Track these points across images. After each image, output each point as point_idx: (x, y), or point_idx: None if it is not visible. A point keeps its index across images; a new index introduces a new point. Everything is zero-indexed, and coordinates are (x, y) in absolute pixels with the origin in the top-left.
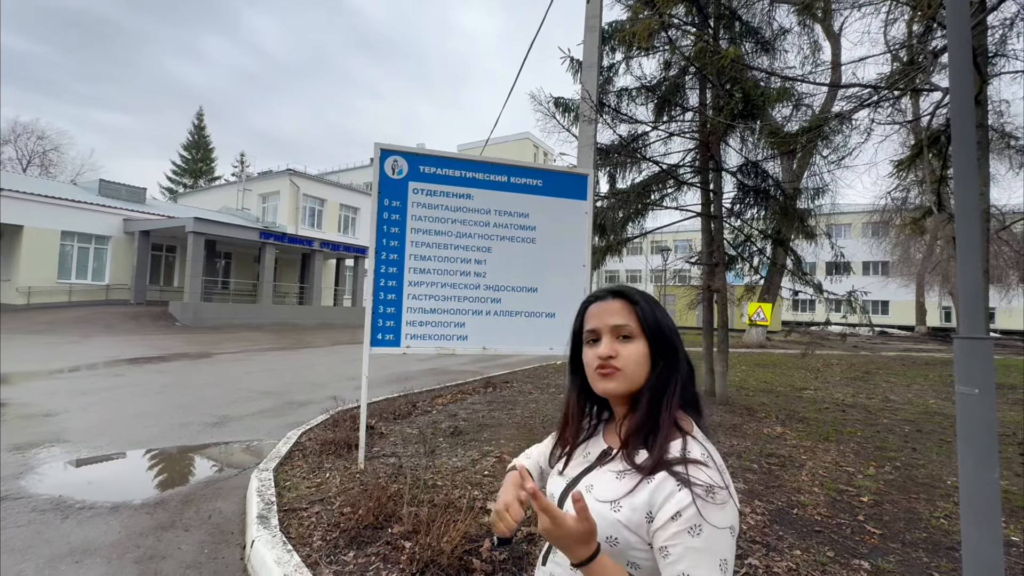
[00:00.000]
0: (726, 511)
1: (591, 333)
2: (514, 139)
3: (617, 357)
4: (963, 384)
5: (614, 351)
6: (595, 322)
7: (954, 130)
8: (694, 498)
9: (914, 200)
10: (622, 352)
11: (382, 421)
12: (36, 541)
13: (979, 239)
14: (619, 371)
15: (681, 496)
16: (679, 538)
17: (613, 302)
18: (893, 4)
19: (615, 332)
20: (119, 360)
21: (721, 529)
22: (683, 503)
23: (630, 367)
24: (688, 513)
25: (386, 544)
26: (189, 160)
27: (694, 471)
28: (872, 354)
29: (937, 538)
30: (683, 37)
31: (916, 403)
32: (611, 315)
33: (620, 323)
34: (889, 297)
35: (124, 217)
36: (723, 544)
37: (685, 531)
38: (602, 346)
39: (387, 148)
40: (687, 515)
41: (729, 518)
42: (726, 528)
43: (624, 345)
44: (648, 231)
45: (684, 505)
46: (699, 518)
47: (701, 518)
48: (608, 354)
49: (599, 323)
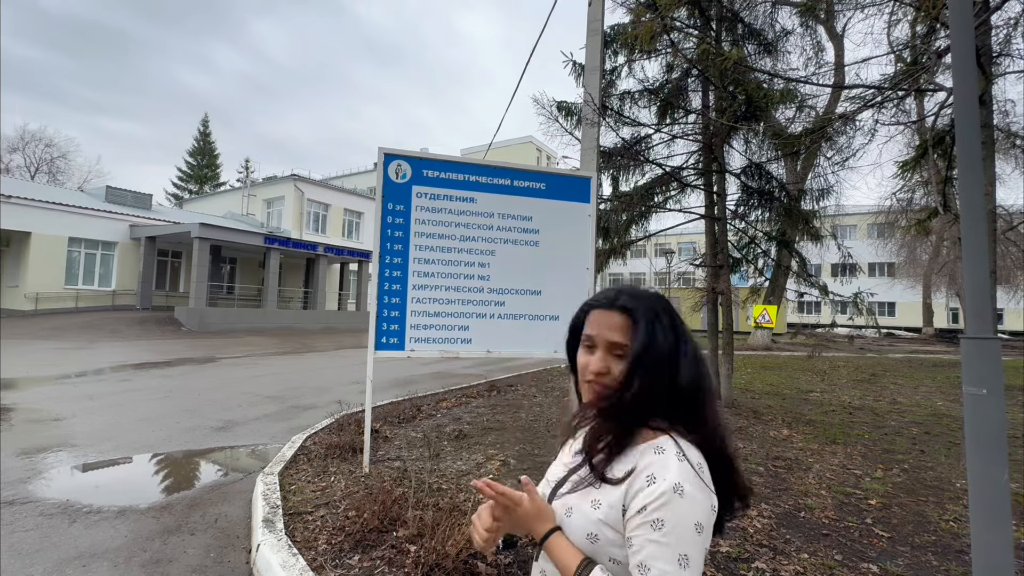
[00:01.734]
0: (694, 507)
1: (588, 339)
2: (517, 143)
3: (608, 375)
4: (971, 385)
5: (606, 368)
6: (594, 330)
7: (958, 130)
8: (661, 493)
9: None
10: (613, 370)
11: (387, 425)
12: (44, 545)
13: (985, 239)
14: (607, 388)
15: (650, 490)
16: (641, 530)
17: (616, 316)
18: (896, 5)
19: (610, 348)
20: (125, 365)
21: (684, 524)
22: (649, 497)
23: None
24: (652, 506)
25: (391, 548)
26: (195, 166)
27: (663, 468)
28: (879, 356)
29: (947, 541)
30: (685, 40)
31: (924, 405)
32: (610, 330)
33: (617, 341)
34: (895, 299)
35: (130, 223)
36: (685, 539)
37: (648, 524)
38: (595, 360)
39: (391, 152)
40: (651, 508)
41: (696, 514)
42: (691, 523)
43: (617, 362)
44: (652, 233)
45: (651, 499)
46: (662, 511)
47: (665, 512)
48: (600, 370)
49: (597, 333)
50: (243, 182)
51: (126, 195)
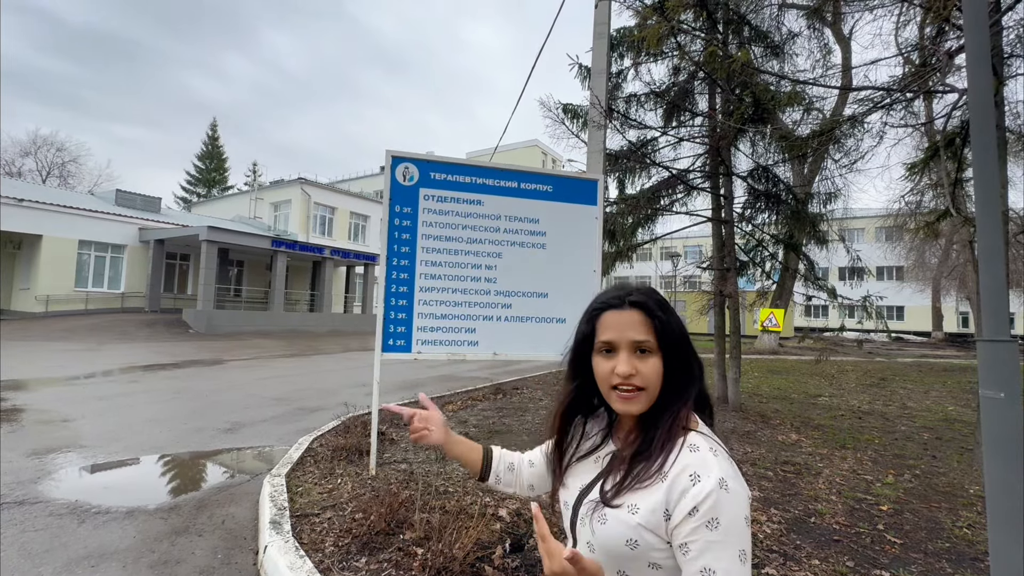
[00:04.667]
0: (740, 501)
1: (606, 344)
2: (523, 146)
3: (637, 375)
4: (987, 388)
5: (634, 368)
6: (613, 334)
7: (973, 131)
8: (709, 492)
9: (929, 203)
10: (642, 369)
11: (393, 427)
12: (53, 545)
13: (1001, 241)
14: (642, 391)
15: (696, 491)
16: (698, 533)
17: (632, 313)
18: (905, 6)
19: (634, 347)
20: (134, 367)
21: (737, 520)
22: (698, 497)
23: (652, 386)
24: (704, 507)
25: (398, 550)
26: (203, 170)
27: (704, 466)
28: (888, 360)
29: (961, 548)
30: (692, 42)
31: (935, 410)
32: (631, 329)
33: (641, 339)
34: (904, 302)
35: (139, 226)
36: (741, 534)
37: (703, 525)
38: (621, 363)
39: (398, 155)
40: (703, 509)
41: (743, 508)
42: (742, 518)
43: (643, 361)
44: (658, 236)
45: (700, 499)
46: (716, 511)
47: (717, 510)
48: (629, 372)
49: (618, 336)
50: (251, 185)
51: (135, 198)
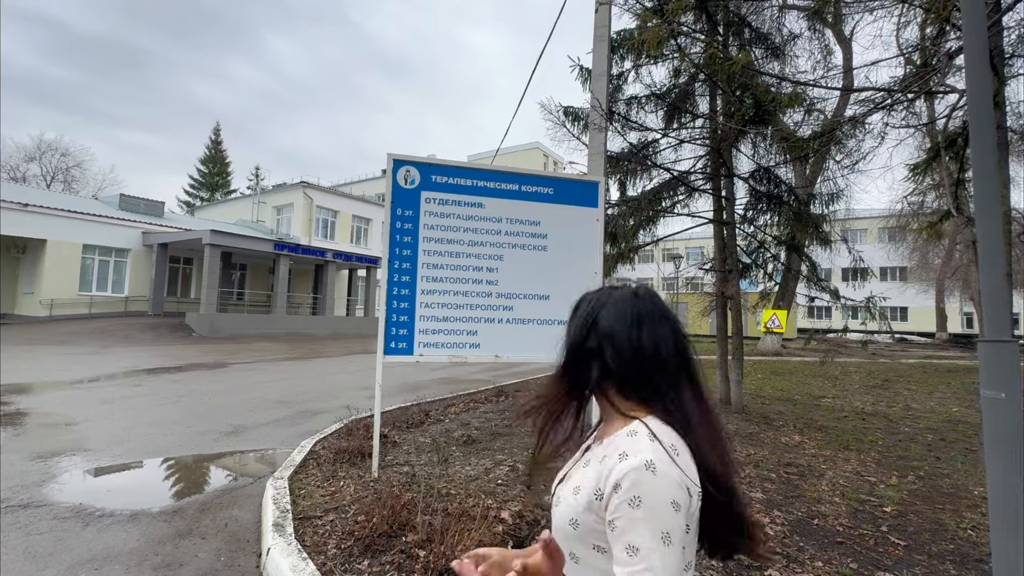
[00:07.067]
0: (668, 485)
1: None
2: (524, 149)
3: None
4: (989, 389)
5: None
6: None
7: (973, 131)
8: (633, 468)
9: (931, 204)
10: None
11: (395, 430)
12: (58, 548)
13: (1001, 241)
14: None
15: (622, 466)
16: (621, 510)
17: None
18: (906, 7)
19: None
20: (137, 370)
21: (662, 502)
22: (622, 472)
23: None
24: (627, 483)
25: (400, 552)
26: (206, 174)
27: (635, 447)
28: (891, 361)
29: (965, 550)
30: (692, 44)
31: (939, 411)
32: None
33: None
34: (908, 303)
35: (143, 230)
36: (666, 517)
37: (626, 502)
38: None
39: (399, 158)
40: (626, 485)
41: (671, 492)
42: (668, 502)
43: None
44: (659, 238)
45: (623, 474)
46: (638, 488)
47: (640, 488)
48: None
49: None
50: (253, 189)
51: (139, 203)
